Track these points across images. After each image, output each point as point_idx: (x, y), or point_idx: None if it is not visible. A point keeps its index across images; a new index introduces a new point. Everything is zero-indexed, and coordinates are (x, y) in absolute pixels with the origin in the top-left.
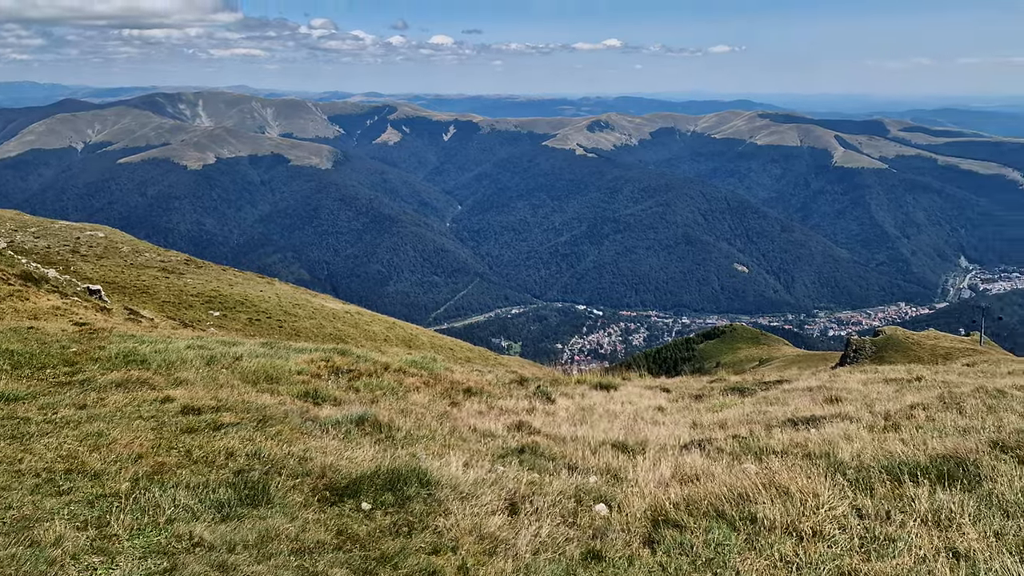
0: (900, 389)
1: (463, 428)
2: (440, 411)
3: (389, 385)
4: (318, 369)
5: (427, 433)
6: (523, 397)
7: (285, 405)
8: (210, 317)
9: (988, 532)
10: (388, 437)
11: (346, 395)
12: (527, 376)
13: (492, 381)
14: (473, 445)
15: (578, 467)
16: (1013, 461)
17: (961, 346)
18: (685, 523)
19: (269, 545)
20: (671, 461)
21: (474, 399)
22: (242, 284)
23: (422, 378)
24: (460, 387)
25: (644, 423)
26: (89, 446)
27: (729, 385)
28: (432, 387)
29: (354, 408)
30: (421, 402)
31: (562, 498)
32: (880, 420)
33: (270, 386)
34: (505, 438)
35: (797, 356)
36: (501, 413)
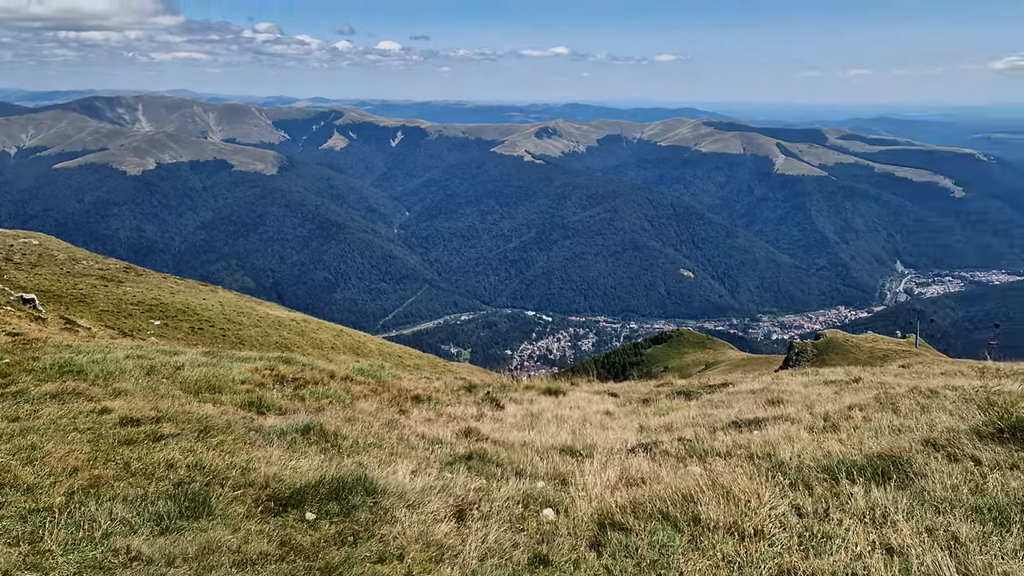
0: (839, 391)
1: (411, 436)
2: (388, 419)
3: (336, 393)
4: (263, 378)
5: (374, 441)
6: (472, 403)
7: (228, 415)
8: (151, 326)
9: (920, 528)
10: (334, 446)
11: (292, 404)
12: (476, 382)
13: (441, 388)
14: (421, 452)
15: (526, 472)
16: (944, 459)
17: (898, 348)
18: (631, 526)
19: (210, 557)
20: (618, 465)
21: (422, 406)
22: (184, 292)
23: (370, 386)
24: (408, 394)
25: (592, 427)
26: (22, 459)
27: (675, 389)
28: (380, 395)
29: (300, 417)
30: (368, 410)
31: (510, 504)
32: (820, 421)
33: (213, 396)
34: (453, 445)
35: (742, 360)
36: (450, 420)
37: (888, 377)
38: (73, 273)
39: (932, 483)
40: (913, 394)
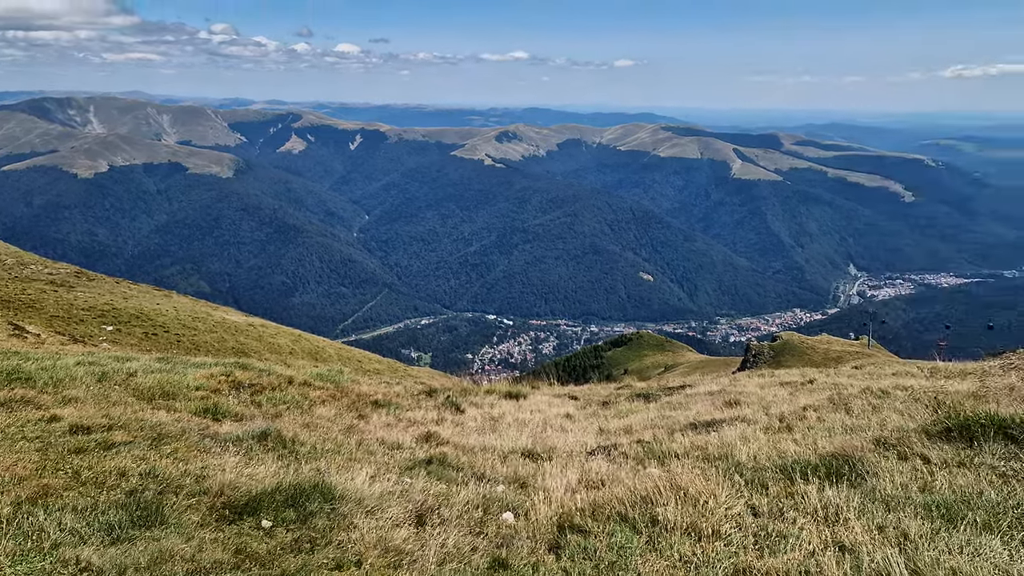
0: (794, 392)
1: (370, 441)
2: (347, 424)
3: (293, 399)
4: (218, 384)
5: (332, 447)
6: (432, 408)
7: (182, 422)
8: (103, 332)
9: (871, 525)
10: (292, 452)
11: (248, 410)
12: (436, 387)
13: (400, 393)
14: (380, 458)
15: (486, 476)
16: (894, 457)
17: (851, 349)
18: (590, 528)
19: (162, 567)
20: (578, 467)
21: (382, 411)
22: (138, 297)
23: (328, 391)
24: (368, 399)
25: (553, 431)
26: None
27: (635, 391)
28: (339, 400)
29: (256, 423)
30: (327, 416)
31: (469, 508)
32: (775, 422)
33: (167, 403)
34: (413, 450)
35: (701, 362)
36: (410, 425)
37: (841, 378)
38: (21, 278)
39: (883, 481)
40: (865, 394)
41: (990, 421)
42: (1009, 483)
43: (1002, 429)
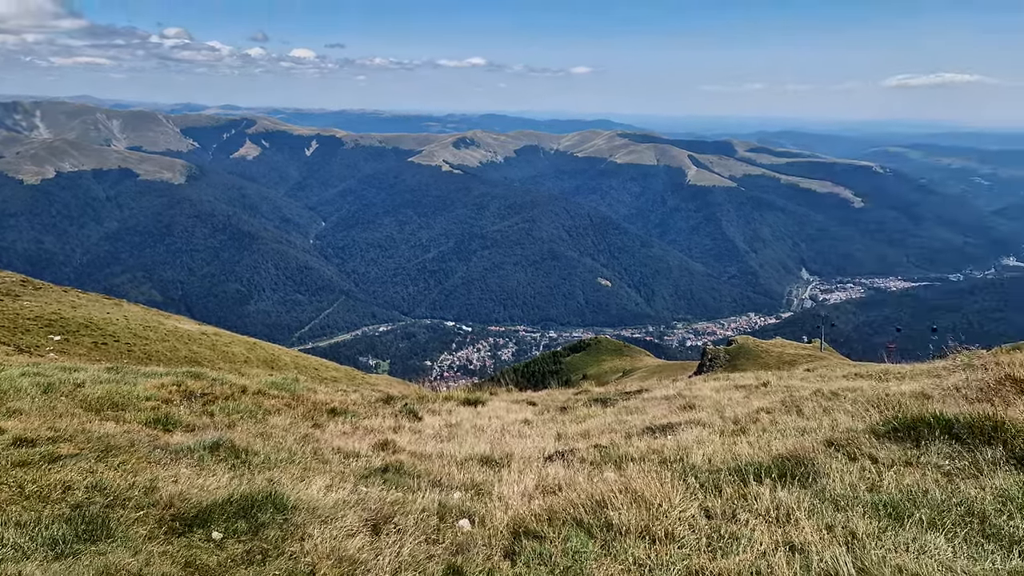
0: (749, 395)
1: (326, 450)
2: (302, 433)
3: (247, 408)
4: (170, 394)
5: (287, 456)
6: (389, 416)
7: (132, 433)
8: (50, 342)
9: (821, 525)
10: (245, 463)
11: (200, 420)
12: (394, 394)
13: (357, 400)
14: (336, 467)
15: (443, 483)
16: (844, 458)
17: (804, 352)
18: (545, 533)
19: None
20: (535, 473)
21: (338, 419)
22: (86, 306)
23: (283, 400)
24: (324, 408)
25: (511, 436)
26: None
27: (593, 396)
28: (294, 409)
29: (209, 434)
30: (282, 425)
31: (425, 516)
32: (730, 425)
33: (116, 413)
34: (370, 458)
35: (658, 366)
36: (367, 433)
37: (794, 381)
38: None
39: (832, 481)
40: (816, 396)
41: (935, 421)
42: (953, 481)
43: (947, 429)
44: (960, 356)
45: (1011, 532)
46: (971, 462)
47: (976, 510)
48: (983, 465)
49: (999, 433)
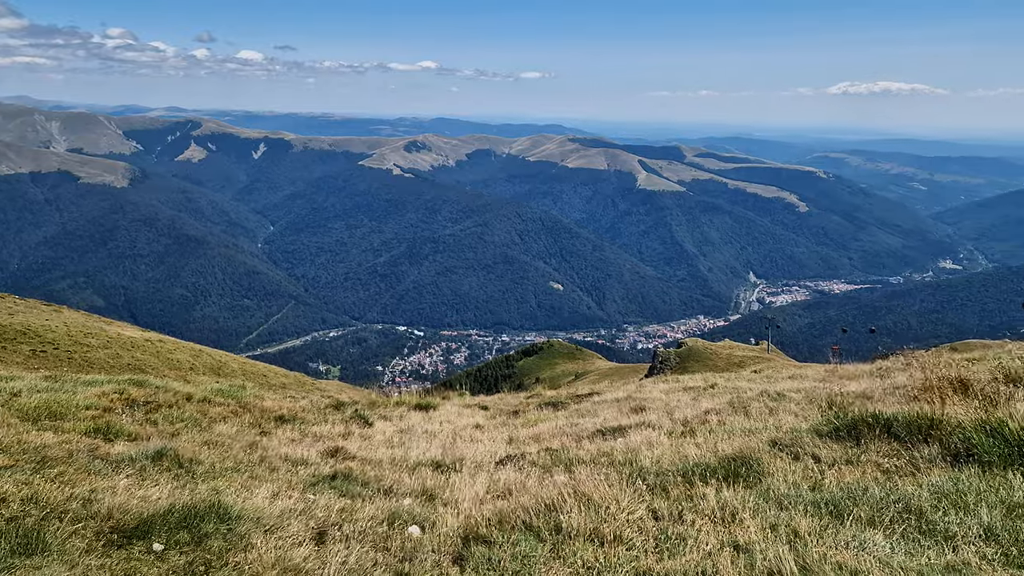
0: (697, 397)
1: (273, 457)
2: (249, 441)
3: (192, 417)
4: (111, 402)
5: (232, 465)
6: (339, 422)
7: (71, 443)
8: None
9: (765, 524)
10: (189, 472)
11: (143, 429)
12: (344, 400)
13: (307, 407)
14: (283, 475)
15: (393, 490)
16: (788, 457)
17: (752, 354)
18: (495, 538)
19: None
20: (486, 477)
21: (287, 427)
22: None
23: (230, 407)
24: (271, 415)
25: (462, 441)
26: None
27: (545, 400)
28: (240, 416)
29: (152, 443)
30: (228, 433)
31: (374, 523)
32: (679, 426)
33: (54, 423)
34: (318, 465)
35: (610, 369)
36: (316, 440)
37: (741, 382)
38: None
39: (776, 481)
40: (762, 397)
41: (875, 420)
42: (892, 479)
43: (887, 428)
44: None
45: (946, 527)
46: (909, 460)
47: (913, 507)
48: (920, 463)
49: (935, 431)
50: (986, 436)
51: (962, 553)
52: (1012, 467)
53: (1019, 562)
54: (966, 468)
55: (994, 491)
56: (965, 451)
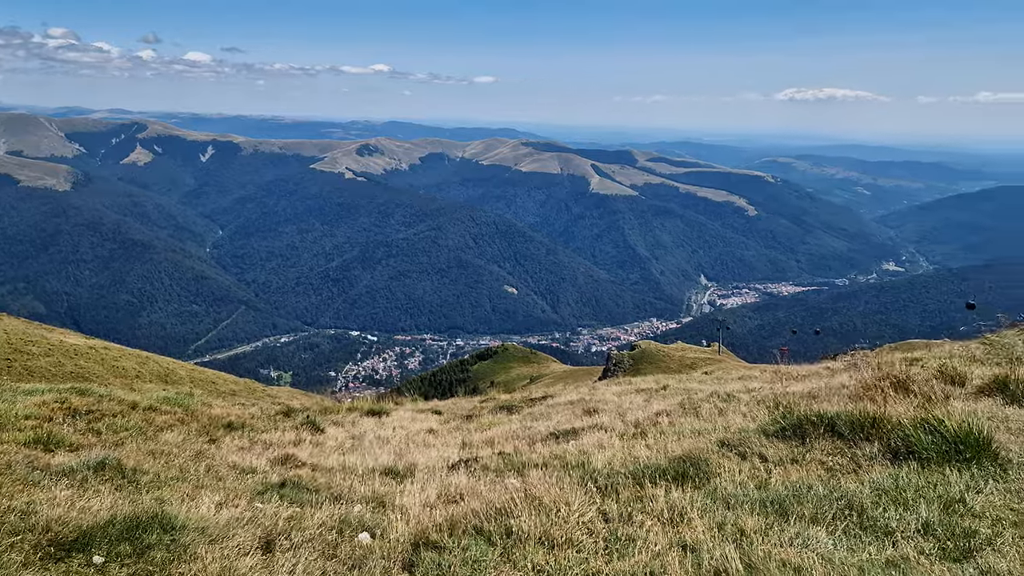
0: (649, 398)
1: (221, 466)
2: (196, 450)
3: (137, 425)
4: (51, 412)
5: (178, 474)
6: (290, 429)
7: (8, 454)
8: None
9: (712, 524)
10: (132, 482)
11: (85, 439)
12: (295, 406)
13: (256, 414)
14: (230, 483)
15: (344, 497)
16: (736, 457)
17: (703, 356)
18: (445, 543)
19: None
20: (438, 483)
21: (235, 434)
22: None
23: (176, 416)
24: (220, 422)
25: (415, 447)
26: None
27: (499, 404)
28: (188, 424)
29: (94, 453)
30: (174, 441)
31: (323, 531)
32: (631, 428)
33: None
34: (268, 473)
35: (565, 372)
36: (265, 447)
37: (692, 384)
38: None
39: (724, 481)
40: (712, 398)
41: (820, 420)
42: (835, 476)
43: (831, 427)
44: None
45: (886, 523)
46: (852, 458)
47: (855, 504)
48: (862, 460)
49: (877, 429)
50: (925, 434)
51: (901, 548)
52: (949, 463)
53: (955, 556)
54: (906, 465)
55: (932, 487)
56: (905, 448)
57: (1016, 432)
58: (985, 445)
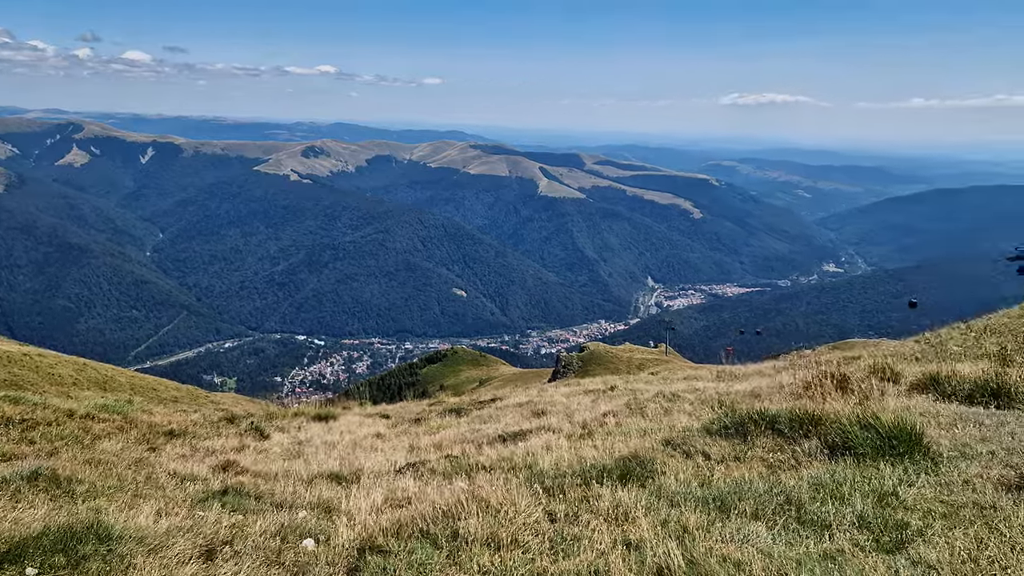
0: (597, 399)
1: (161, 474)
2: (135, 458)
3: (73, 434)
4: None
5: (116, 483)
6: (234, 435)
7: None
8: None
9: (657, 521)
10: (68, 492)
11: (19, 449)
12: (239, 413)
13: (199, 421)
14: (171, 492)
15: (288, 503)
16: (681, 456)
17: (651, 356)
18: (391, 548)
19: None
20: (385, 487)
21: (177, 441)
22: None
23: (115, 423)
24: (161, 430)
25: (362, 451)
26: None
27: (447, 407)
28: (127, 432)
29: (27, 462)
30: (112, 450)
31: (266, 537)
32: (578, 429)
33: None
34: (210, 480)
35: (514, 375)
36: (207, 454)
37: (639, 384)
38: None
39: (669, 479)
40: (658, 399)
41: (761, 417)
42: (775, 473)
43: (771, 424)
44: (788, 356)
45: (823, 517)
46: (792, 454)
47: (794, 499)
48: (801, 456)
49: (816, 426)
50: (861, 429)
51: (837, 541)
52: (884, 458)
53: (888, 547)
54: (843, 460)
55: (867, 481)
56: (843, 444)
57: (946, 427)
58: (917, 440)
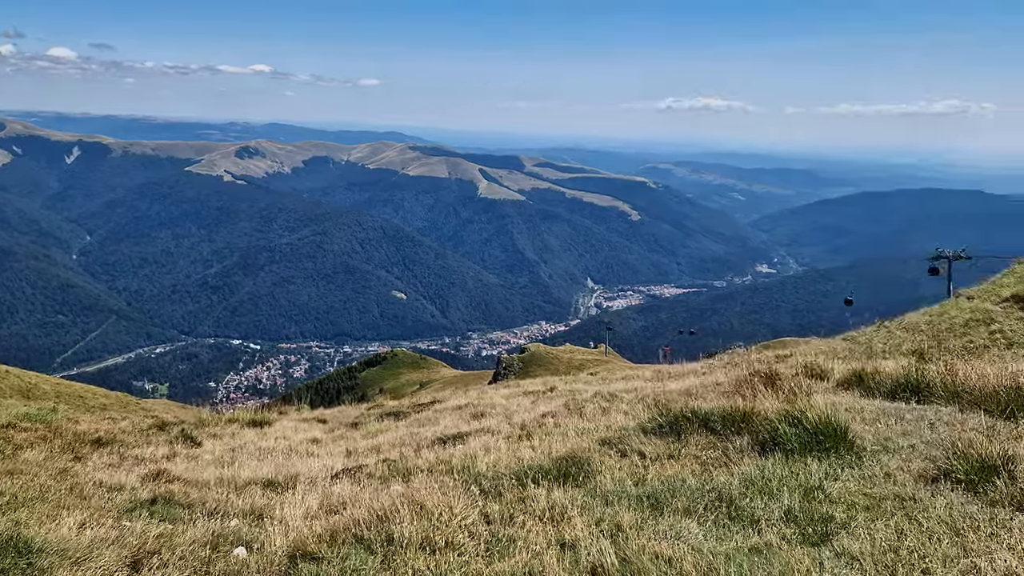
0: (536, 400)
1: (86, 484)
2: (59, 468)
3: None
4: None
5: (38, 495)
6: (164, 443)
7: None
8: None
9: (591, 521)
10: None
11: None
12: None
13: (127, 428)
14: (96, 502)
15: (220, 511)
16: (617, 455)
17: (591, 357)
18: (324, 554)
19: None
20: (320, 492)
21: (104, 450)
22: None
23: (38, 432)
24: (87, 438)
25: (298, 457)
26: None
27: (386, 410)
28: (51, 441)
29: None
30: (35, 460)
31: (196, 547)
32: (517, 430)
33: None
34: (137, 489)
35: (455, 377)
36: (136, 463)
37: (578, 384)
38: None
39: (604, 478)
40: (597, 399)
41: (695, 415)
42: (708, 470)
43: (704, 422)
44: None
45: (752, 512)
46: (723, 451)
47: (725, 495)
48: (732, 453)
49: (747, 423)
50: (789, 426)
51: (765, 535)
52: (811, 453)
53: (814, 540)
54: (772, 456)
55: (795, 476)
56: (772, 441)
57: (870, 422)
58: (842, 435)
